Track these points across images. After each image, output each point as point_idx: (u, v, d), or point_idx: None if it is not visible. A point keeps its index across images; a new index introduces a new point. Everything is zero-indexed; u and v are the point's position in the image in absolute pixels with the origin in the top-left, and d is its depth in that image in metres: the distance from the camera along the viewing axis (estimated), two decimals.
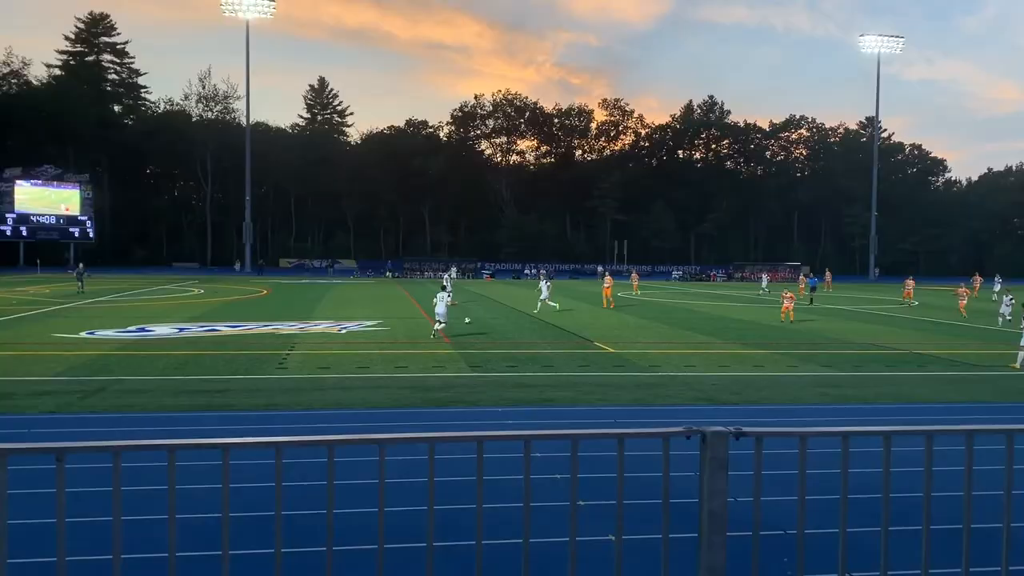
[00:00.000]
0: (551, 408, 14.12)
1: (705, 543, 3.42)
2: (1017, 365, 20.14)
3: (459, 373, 17.92)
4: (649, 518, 6.81)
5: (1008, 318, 31.97)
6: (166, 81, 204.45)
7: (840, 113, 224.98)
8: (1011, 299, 33.10)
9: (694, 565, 3.48)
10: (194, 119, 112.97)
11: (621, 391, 15.95)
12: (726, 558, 3.45)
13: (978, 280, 58.50)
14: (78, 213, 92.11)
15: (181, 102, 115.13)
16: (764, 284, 61.22)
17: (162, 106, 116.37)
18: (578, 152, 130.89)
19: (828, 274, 65.07)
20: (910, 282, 48.34)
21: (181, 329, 26.67)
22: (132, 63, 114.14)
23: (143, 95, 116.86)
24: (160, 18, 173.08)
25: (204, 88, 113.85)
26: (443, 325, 25.62)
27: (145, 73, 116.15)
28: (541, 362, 19.92)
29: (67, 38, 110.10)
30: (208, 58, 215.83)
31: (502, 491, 7.59)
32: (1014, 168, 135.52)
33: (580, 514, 3.60)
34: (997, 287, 55.89)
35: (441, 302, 25.95)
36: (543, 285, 37.60)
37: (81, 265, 50.92)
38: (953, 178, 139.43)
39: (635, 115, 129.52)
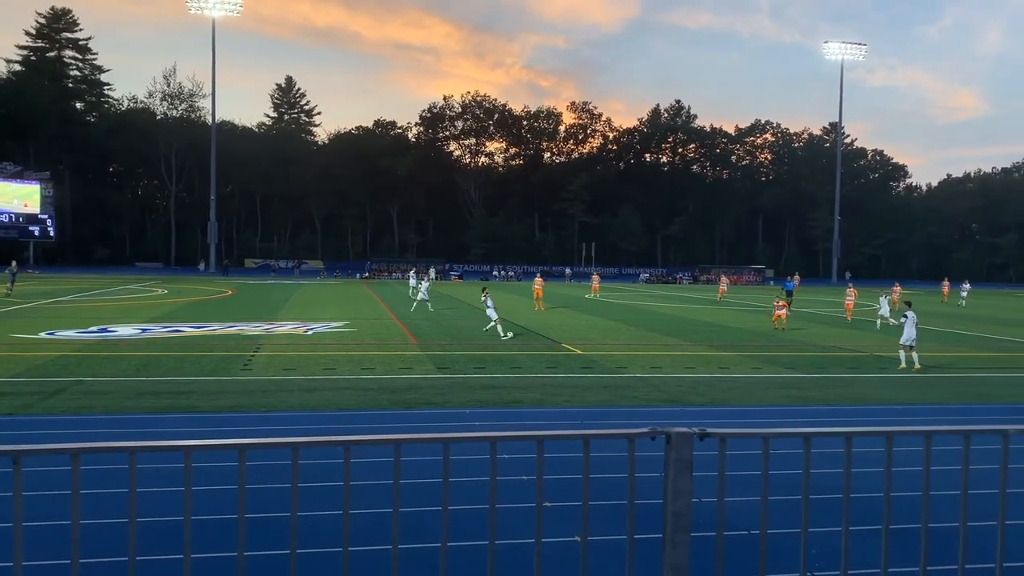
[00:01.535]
0: (518, 409, 14.13)
1: (669, 543, 3.44)
2: (904, 365, 20.24)
3: (426, 375, 17.87)
4: (615, 518, 6.85)
5: (888, 319, 32.12)
6: (130, 78, 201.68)
7: (804, 118, 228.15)
8: (888, 299, 33.67)
9: (659, 565, 3.51)
10: (158, 117, 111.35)
11: (588, 392, 16.01)
12: (690, 558, 3.47)
13: (946, 285, 58.63)
14: (38, 211, 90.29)
15: (145, 100, 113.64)
16: (723, 287, 61.57)
17: (126, 103, 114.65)
18: (546, 154, 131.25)
19: (797, 277, 65.69)
20: (897, 288, 47.46)
21: (144, 330, 26.28)
22: (95, 59, 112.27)
23: (106, 92, 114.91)
24: (124, 14, 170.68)
25: (169, 86, 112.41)
26: (496, 324, 26.43)
27: (108, 70, 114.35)
28: (509, 363, 19.92)
29: (28, 33, 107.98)
30: (173, 55, 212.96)
31: (469, 492, 7.58)
32: (972, 174, 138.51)
33: (546, 515, 3.60)
34: (964, 293, 54.03)
35: (489, 308, 26.95)
36: (422, 284, 39.40)
37: (14, 263, 46.73)
38: (914, 183, 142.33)
39: (603, 118, 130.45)
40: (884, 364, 21.62)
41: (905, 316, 20.69)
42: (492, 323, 26.58)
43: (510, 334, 26.01)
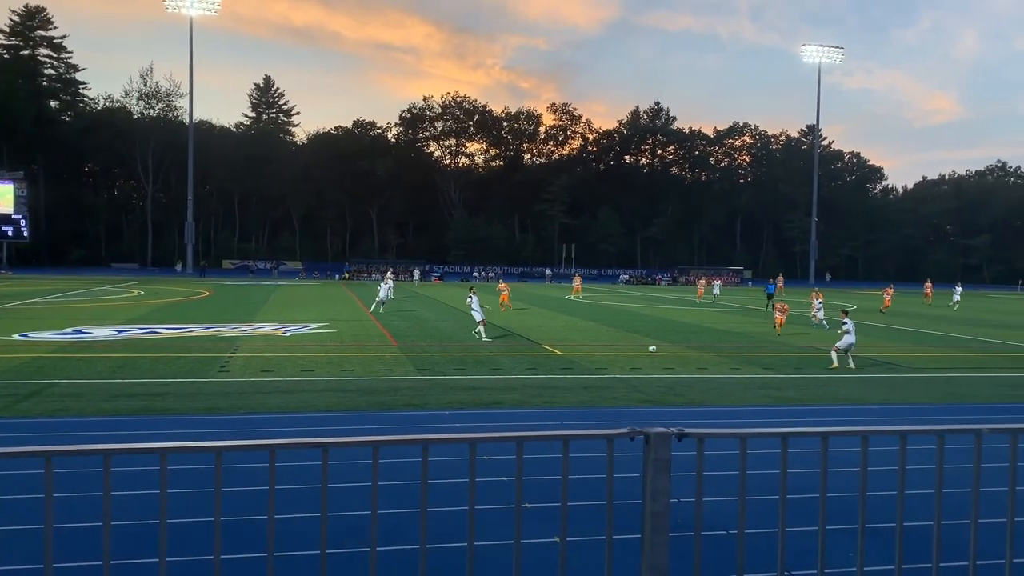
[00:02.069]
0: (499, 411, 14.12)
1: (648, 543, 3.45)
2: (836, 364, 20.65)
3: (406, 376, 17.82)
4: (594, 519, 6.86)
5: (822, 320, 32.55)
6: (106, 77, 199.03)
7: (782, 121, 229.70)
8: (820, 302, 33.46)
9: (637, 565, 3.51)
10: (135, 116, 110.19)
11: (568, 393, 16.03)
12: (669, 558, 3.48)
13: (929, 287, 57.62)
14: (12, 211, 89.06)
15: (122, 99, 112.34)
16: (716, 291, 56.35)
17: (101, 103, 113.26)
18: (526, 156, 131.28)
19: (780, 279, 65.87)
20: (890, 290, 46.72)
21: (120, 331, 26.01)
22: (70, 58, 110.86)
23: (81, 91, 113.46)
24: (100, 13, 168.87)
25: (146, 85, 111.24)
26: (480, 325, 26.00)
27: (84, 69, 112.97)
28: (489, 365, 19.91)
29: (1, 31, 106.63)
30: (150, 55, 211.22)
31: (448, 494, 7.56)
32: (947, 177, 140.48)
33: (526, 516, 3.60)
34: (957, 295, 51.67)
35: (476, 309, 26.32)
36: (385, 284, 39.17)
37: None
38: (890, 185, 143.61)
39: (583, 120, 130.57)
40: (861, 364, 21.82)
41: (844, 323, 21.19)
42: (477, 325, 26.17)
43: (487, 339, 25.65)
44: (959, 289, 53.05)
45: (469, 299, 27.22)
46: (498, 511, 7.55)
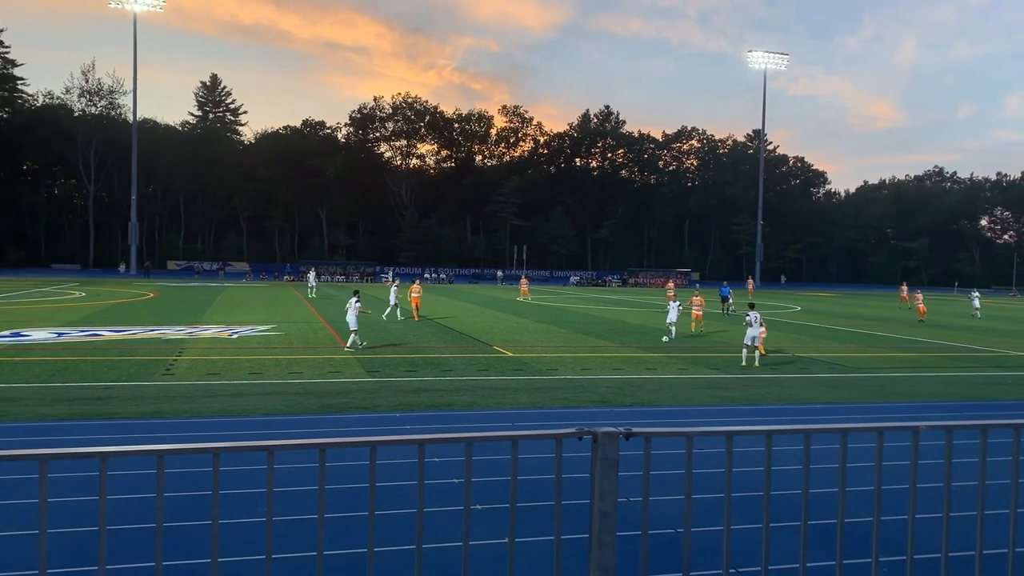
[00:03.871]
0: (450, 412, 14.09)
1: (596, 542, 3.47)
2: (745, 363, 21.22)
3: (356, 378, 17.66)
4: (544, 519, 6.89)
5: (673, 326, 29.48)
6: (46, 73, 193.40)
7: (729, 125, 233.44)
8: (679, 305, 31.44)
9: (586, 564, 3.54)
10: (76, 114, 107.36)
11: (519, 394, 16.06)
12: (617, 557, 3.51)
13: (904, 289, 55.90)
14: None
15: (62, 96, 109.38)
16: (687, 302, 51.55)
17: (41, 99, 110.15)
18: (478, 157, 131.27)
19: (750, 282, 66.54)
20: (919, 295, 42.47)
21: (60, 334, 25.30)
22: (7, 52, 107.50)
23: (20, 87, 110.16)
24: (40, 6, 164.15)
25: (87, 82, 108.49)
26: (353, 333, 23.17)
27: (22, 64, 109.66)
28: (440, 367, 19.85)
29: None
30: (92, 51, 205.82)
31: (398, 496, 7.51)
32: (887, 181, 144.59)
33: (476, 517, 3.60)
34: (976, 301, 46.25)
35: (352, 315, 23.22)
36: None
37: None
38: (833, 190, 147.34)
39: (534, 122, 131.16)
40: (805, 364, 22.29)
41: (748, 316, 21.78)
42: (351, 335, 23.20)
43: (360, 344, 23.21)
44: (977, 295, 46.97)
45: (356, 302, 23.62)
46: (448, 512, 7.52)
